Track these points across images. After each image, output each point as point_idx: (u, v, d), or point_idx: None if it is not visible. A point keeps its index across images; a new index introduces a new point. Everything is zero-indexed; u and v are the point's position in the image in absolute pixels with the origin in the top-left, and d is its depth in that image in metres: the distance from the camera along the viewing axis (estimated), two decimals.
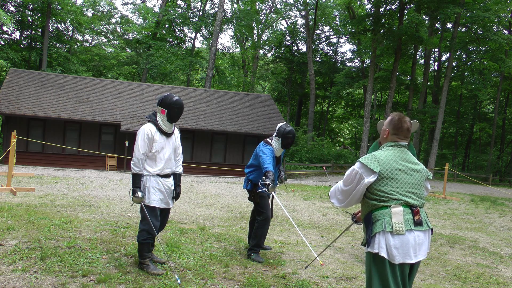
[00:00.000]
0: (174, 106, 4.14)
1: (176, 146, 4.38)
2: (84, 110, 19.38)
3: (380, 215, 2.66)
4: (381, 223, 2.64)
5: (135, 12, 38.54)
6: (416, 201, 2.71)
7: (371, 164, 2.70)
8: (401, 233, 2.58)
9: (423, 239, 2.68)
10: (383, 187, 2.68)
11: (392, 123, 2.87)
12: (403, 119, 2.86)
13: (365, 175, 2.70)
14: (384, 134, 2.91)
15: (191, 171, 19.30)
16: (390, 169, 2.70)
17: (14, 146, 9.74)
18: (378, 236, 2.64)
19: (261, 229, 4.95)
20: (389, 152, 2.79)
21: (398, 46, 27.18)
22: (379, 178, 2.68)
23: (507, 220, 10.48)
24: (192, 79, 41.15)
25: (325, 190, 14.30)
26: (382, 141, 2.95)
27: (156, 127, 4.15)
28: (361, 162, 2.75)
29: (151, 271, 4.06)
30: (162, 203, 4.16)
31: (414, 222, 2.63)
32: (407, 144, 2.88)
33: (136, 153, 4.05)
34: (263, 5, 40.92)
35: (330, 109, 45.45)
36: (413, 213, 2.65)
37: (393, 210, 2.63)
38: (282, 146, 5.01)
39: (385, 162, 2.71)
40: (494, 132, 34.08)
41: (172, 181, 4.31)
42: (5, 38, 30.30)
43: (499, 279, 5.11)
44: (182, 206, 8.71)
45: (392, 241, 2.59)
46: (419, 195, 2.75)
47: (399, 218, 2.61)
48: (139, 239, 4.12)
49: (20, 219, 5.93)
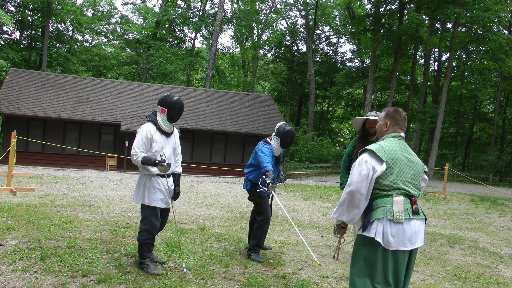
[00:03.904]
0: (175, 106, 4.15)
1: (176, 146, 4.38)
2: (84, 110, 19.38)
3: (382, 202, 2.73)
4: (382, 210, 2.72)
5: (135, 12, 38.56)
6: (414, 192, 2.81)
7: (379, 152, 2.75)
8: (400, 221, 2.68)
9: (420, 227, 2.79)
10: (388, 176, 2.74)
11: (390, 115, 2.97)
12: (398, 110, 2.99)
13: (376, 165, 2.73)
14: (385, 127, 2.98)
15: (191, 171, 19.30)
16: (394, 159, 2.77)
17: (14, 146, 9.74)
18: (376, 222, 2.72)
19: (261, 229, 4.94)
20: (392, 142, 2.86)
21: (398, 46, 27.17)
22: (385, 168, 2.74)
23: (507, 220, 10.48)
24: (192, 79, 41.15)
25: (325, 190, 14.30)
26: (381, 135, 3.01)
27: (156, 127, 4.16)
28: (371, 150, 2.78)
29: (151, 271, 4.07)
30: (163, 203, 4.16)
31: (412, 211, 2.74)
32: (404, 136, 2.97)
33: (133, 149, 4.05)
34: (263, 5, 40.94)
35: (330, 109, 45.45)
36: (411, 203, 2.75)
37: (395, 199, 2.72)
38: (281, 146, 5.01)
39: (390, 152, 2.78)
40: (494, 132, 34.07)
41: (172, 181, 4.31)
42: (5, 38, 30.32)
43: (499, 279, 5.11)
44: (182, 206, 8.71)
45: (390, 228, 2.68)
46: (417, 186, 2.86)
47: (400, 207, 2.70)
48: (139, 239, 4.13)
49: (20, 219, 5.92)
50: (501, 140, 37.33)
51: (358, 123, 5.05)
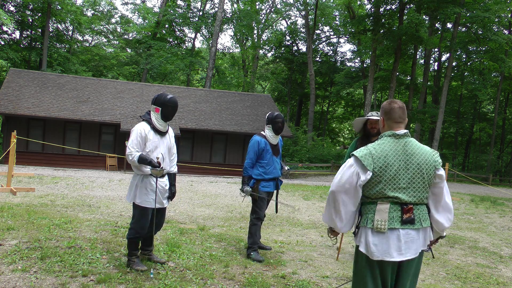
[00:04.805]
0: (168, 105, 4.13)
1: (171, 146, 4.34)
2: (84, 110, 19.38)
3: (366, 209, 2.58)
4: (365, 217, 2.57)
5: (135, 12, 38.59)
6: (410, 198, 2.52)
7: (365, 160, 2.51)
8: (382, 231, 2.48)
9: (414, 238, 2.51)
10: (375, 186, 2.52)
11: (383, 110, 2.71)
12: (392, 101, 2.70)
13: (360, 173, 2.52)
14: (381, 124, 2.73)
15: (191, 171, 19.30)
16: (384, 166, 2.51)
17: (14, 146, 9.74)
18: (361, 230, 2.59)
19: (254, 226, 5.04)
20: (386, 144, 2.58)
21: (398, 46, 27.17)
22: (371, 177, 2.51)
23: (507, 220, 10.48)
24: (192, 79, 41.15)
25: (325, 190, 14.29)
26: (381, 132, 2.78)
27: (150, 126, 4.15)
28: (356, 156, 2.55)
29: (135, 266, 4.11)
30: (156, 204, 4.15)
31: (402, 220, 2.49)
32: (406, 133, 2.63)
33: (128, 149, 4.07)
34: (263, 5, 40.94)
35: (330, 109, 45.44)
36: (402, 211, 2.50)
37: (378, 206, 2.52)
38: (274, 132, 5.07)
39: (380, 158, 2.52)
40: (494, 132, 34.07)
41: (167, 181, 4.29)
42: (5, 38, 30.32)
43: (499, 279, 5.11)
44: (182, 206, 8.71)
45: (371, 237, 2.50)
46: (417, 190, 2.53)
47: (383, 216, 2.49)
48: (128, 237, 4.19)
49: (20, 219, 5.92)
50: (501, 140, 37.32)
51: (359, 123, 5.08)
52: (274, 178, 5.13)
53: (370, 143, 5.06)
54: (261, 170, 5.02)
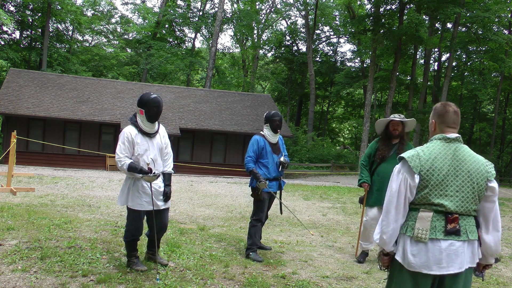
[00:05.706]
0: (152, 105, 3.96)
1: (162, 146, 4.18)
2: (84, 110, 19.38)
3: (408, 216, 2.40)
4: (405, 225, 2.39)
5: (135, 12, 38.60)
6: (456, 207, 2.33)
7: (412, 161, 2.36)
8: (422, 240, 2.30)
9: (459, 250, 2.30)
10: (420, 190, 2.35)
11: (436, 112, 2.52)
12: (447, 104, 2.52)
13: (408, 177, 2.36)
14: (432, 127, 2.55)
15: (191, 171, 19.28)
16: (431, 169, 2.35)
17: (14, 146, 9.73)
18: (399, 237, 2.40)
19: (253, 228, 5.03)
20: (434, 148, 2.41)
21: (398, 46, 27.16)
22: (418, 181, 2.35)
23: (507, 220, 10.47)
24: (192, 79, 41.15)
25: (325, 190, 14.29)
26: (430, 136, 2.60)
27: (137, 129, 4.02)
28: (403, 157, 2.40)
29: (135, 267, 4.11)
30: (149, 206, 4.03)
31: (446, 231, 2.30)
32: (458, 137, 2.45)
33: (117, 155, 3.96)
34: (263, 5, 40.94)
35: (330, 109, 45.44)
36: (446, 220, 2.31)
37: (420, 214, 2.35)
38: (272, 130, 5.06)
39: (428, 160, 2.36)
40: (494, 132, 34.07)
41: (161, 182, 4.15)
42: (5, 38, 30.35)
43: (499, 279, 5.11)
44: (182, 206, 8.71)
45: (410, 246, 2.33)
46: (465, 200, 2.35)
47: (425, 225, 2.31)
48: (125, 239, 4.19)
49: (20, 219, 5.92)
50: (501, 140, 37.33)
51: (381, 124, 5.08)
52: (276, 178, 5.13)
53: (391, 144, 5.11)
54: (264, 170, 5.02)
